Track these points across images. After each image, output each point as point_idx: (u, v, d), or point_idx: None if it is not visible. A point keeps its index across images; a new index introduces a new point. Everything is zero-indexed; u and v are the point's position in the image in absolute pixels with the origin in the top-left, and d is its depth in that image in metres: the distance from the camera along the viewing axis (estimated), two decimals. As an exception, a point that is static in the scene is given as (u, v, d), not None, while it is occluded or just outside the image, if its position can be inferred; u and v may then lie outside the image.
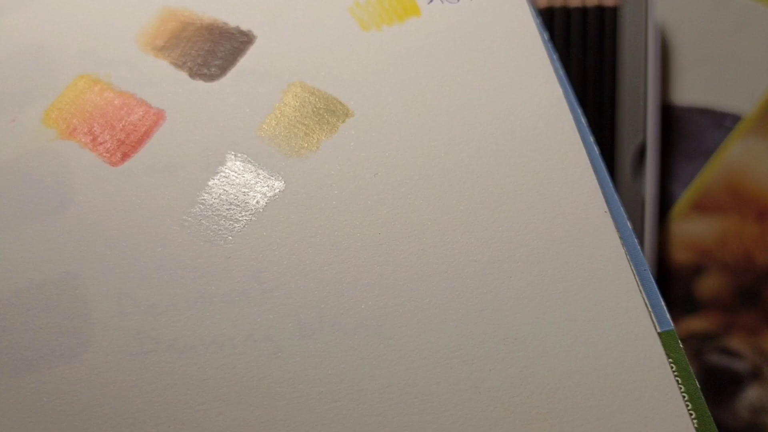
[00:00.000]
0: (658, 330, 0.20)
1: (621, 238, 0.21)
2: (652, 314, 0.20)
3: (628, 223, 0.22)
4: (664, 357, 0.20)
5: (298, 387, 0.19)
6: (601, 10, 0.29)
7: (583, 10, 0.29)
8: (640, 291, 0.20)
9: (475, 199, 0.21)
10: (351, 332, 0.20)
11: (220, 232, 0.21)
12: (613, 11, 0.29)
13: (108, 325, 0.20)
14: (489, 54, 0.23)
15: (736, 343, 0.28)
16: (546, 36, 0.24)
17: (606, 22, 0.29)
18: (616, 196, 0.22)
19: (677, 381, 0.20)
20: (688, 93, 0.30)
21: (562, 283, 0.20)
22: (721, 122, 0.29)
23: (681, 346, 0.20)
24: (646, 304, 0.20)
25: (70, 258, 0.21)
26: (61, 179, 0.22)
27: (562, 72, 0.24)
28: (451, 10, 0.24)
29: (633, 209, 0.27)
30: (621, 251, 0.21)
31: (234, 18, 0.24)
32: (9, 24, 0.24)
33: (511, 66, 0.23)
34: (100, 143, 0.22)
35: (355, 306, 0.20)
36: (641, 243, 0.27)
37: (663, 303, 0.21)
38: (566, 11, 0.30)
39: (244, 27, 0.24)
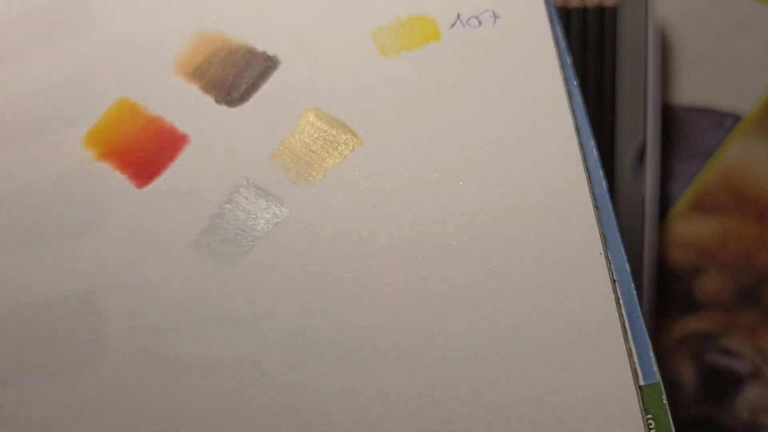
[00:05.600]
0: (642, 383, 0.19)
1: (616, 281, 0.20)
2: (638, 365, 0.20)
3: (627, 266, 0.21)
4: (639, 412, 0.19)
5: (276, 414, 0.20)
6: (601, 10, 0.29)
7: (583, 10, 0.29)
8: (627, 340, 0.20)
9: (470, 235, 0.21)
10: (332, 363, 0.21)
11: (226, 257, 0.22)
12: (613, 11, 0.28)
13: (119, 341, 0.22)
14: (504, 84, 0.23)
15: (736, 343, 0.27)
16: (569, 60, 0.24)
17: (606, 22, 0.28)
18: (618, 237, 0.21)
19: (653, 439, 0.19)
20: (688, 93, 0.29)
21: (543, 326, 0.20)
22: (721, 122, 0.28)
23: (665, 401, 0.19)
24: (631, 355, 0.20)
25: (93, 275, 0.23)
26: (93, 200, 0.24)
27: (580, 100, 0.23)
28: (472, 35, 0.24)
29: (633, 209, 0.27)
30: (611, 297, 0.20)
31: (262, 43, 0.25)
32: (61, 52, 0.26)
33: (526, 98, 0.23)
34: (130, 165, 0.24)
35: (339, 338, 0.21)
36: (641, 243, 0.26)
37: (652, 354, 0.20)
38: (566, 11, 0.29)
39: (270, 52, 0.25)
